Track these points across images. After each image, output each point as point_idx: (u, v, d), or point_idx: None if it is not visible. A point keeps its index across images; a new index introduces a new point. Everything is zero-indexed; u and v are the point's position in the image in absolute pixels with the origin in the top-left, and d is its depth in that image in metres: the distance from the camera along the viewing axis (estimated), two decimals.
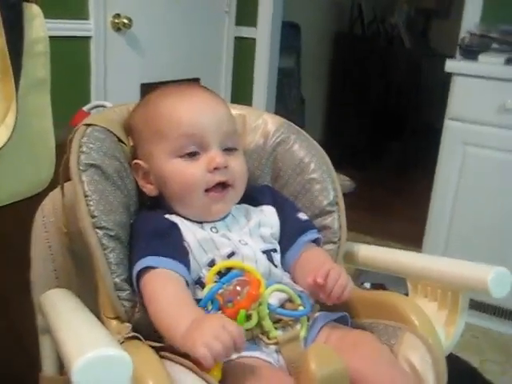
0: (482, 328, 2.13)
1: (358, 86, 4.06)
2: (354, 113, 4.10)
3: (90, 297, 0.87)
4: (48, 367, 0.89)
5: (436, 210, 2.13)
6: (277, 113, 1.12)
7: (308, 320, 0.86)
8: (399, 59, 4.17)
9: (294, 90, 3.60)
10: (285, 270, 0.93)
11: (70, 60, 2.07)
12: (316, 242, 0.97)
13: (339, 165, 3.71)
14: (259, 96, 2.88)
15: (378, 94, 4.19)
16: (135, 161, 0.94)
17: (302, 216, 0.98)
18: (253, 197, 0.98)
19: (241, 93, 2.87)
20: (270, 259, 0.90)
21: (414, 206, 2.47)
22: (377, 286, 2.12)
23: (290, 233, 0.96)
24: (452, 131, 2.04)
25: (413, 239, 2.29)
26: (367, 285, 2.17)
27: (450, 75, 2.02)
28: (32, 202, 1.04)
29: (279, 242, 0.95)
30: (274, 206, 0.98)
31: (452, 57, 2.15)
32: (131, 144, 0.96)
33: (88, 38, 2.13)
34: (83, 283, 0.94)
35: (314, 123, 3.96)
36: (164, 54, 2.41)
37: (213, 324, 0.70)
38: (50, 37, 1.61)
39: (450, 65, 2.01)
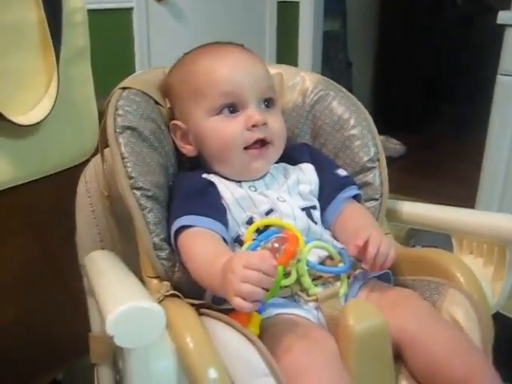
0: None
1: (406, 47, 3.93)
2: (404, 75, 3.97)
3: (133, 258, 0.89)
4: (96, 327, 0.91)
5: (489, 171, 2.06)
6: None
7: (349, 277, 0.85)
8: (450, 17, 4.00)
9: (341, 53, 3.52)
10: (325, 227, 0.92)
11: (114, 32, 2.09)
12: (356, 198, 0.96)
13: (390, 129, 3.63)
14: (304, 60, 2.84)
15: (428, 54, 4.04)
16: (173, 121, 0.94)
17: (341, 172, 0.97)
18: (291, 155, 0.97)
19: (286, 58, 2.83)
20: (310, 216, 0.89)
21: (469, 168, 2.39)
22: None
23: (328, 189, 0.94)
24: (505, 87, 1.95)
25: (466, 201, 2.22)
26: (418, 247, 2.13)
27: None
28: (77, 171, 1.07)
29: (318, 199, 0.94)
30: (312, 163, 0.97)
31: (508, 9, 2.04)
32: (168, 106, 0.96)
33: (130, 9, 2.14)
34: (126, 245, 0.96)
35: (362, 87, 3.87)
36: (207, 22, 2.40)
37: (235, 268, 0.68)
38: (93, 10, 1.63)
39: (503, 16, 1.91)
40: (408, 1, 4.00)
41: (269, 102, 0.92)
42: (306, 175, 0.95)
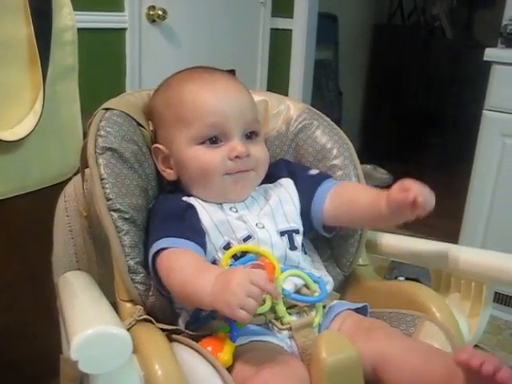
0: None
1: (397, 78, 3.97)
2: (393, 106, 4.01)
3: (108, 280, 0.88)
4: (66, 349, 0.90)
5: (473, 204, 2.07)
6: (313, 105, 1.09)
7: (324, 307, 0.85)
8: (440, 51, 4.05)
9: (332, 82, 3.56)
10: (318, 225, 0.94)
11: (106, 51, 2.09)
12: None
13: (378, 158, 3.63)
14: (295, 88, 2.85)
15: (418, 86, 4.09)
16: (155, 145, 0.94)
17: (313, 171, 0.97)
18: (269, 173, 0.96)
19: (277, 84, 2.85)
20: (291, 240, 0.89)
21: (455, 201, 2.40)
22: (411, 280, 2.07)
23: (306, 190, 0.94)
24: (490, 122, 1.97)
25: (451, 233, 2.23)
26: (401, 279, 2.12)
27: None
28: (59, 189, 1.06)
29: (301, 202, 0.94)
30: (290, 177, 0.97)
31: (495, 47, 2.07)
32: (151, 128, 0.96)
33: (123, 29, 2.14)
34: (103, 267, 0.95)
35: (352, 116, 3.90)
36: (199, 45, 2.41)
37: (241, 281, 0.69)
38: (86, 29, 1.63)
39: (490, 53, 1.94)
40: (400, 33, 4.06)
41: (252, 134, 0.93)
42: (288, 192, 0.94)
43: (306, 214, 0.94)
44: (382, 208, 0.83)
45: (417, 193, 0.77)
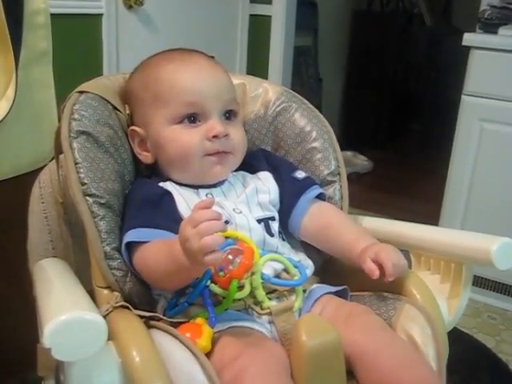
0: (500, 309, 2.08)
1: (376, 64, 3.97)
2: (373, 92, 4.02)
3: (86, 268, 0.86)
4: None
5: (453, 188, 2.08)
6: (293, 91, 1.08)
7: (305, 291, 0.84)
8: (419, 37, 4.06)
9: (311, 68, 3.54)
10: (293, 233, 0.93)
11: (82, 38, 2.06)
12: (320, 197, 0.95)
13: (357, 144, 3.63)
14: (275, 74, 2.84)
15: (397, 73, 4.10)
16: (132, 127, 0.92)
17: (299, 174, 0.96)
18: (249, 163, 0.96)
19: (256, 71, 2.82)
20: (267, 227, 0.88)
21: (434, 186, 2.42)
22: None
23: (290, 195, 0.93)
24: (468, 107, 1.98)
25: (431, 217, 2.24)
26: None
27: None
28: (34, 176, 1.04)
29: (281, 206, 0.93)
30: (270, 171, 0.96)
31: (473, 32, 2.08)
32: (128, 112, 0.94)
33: (99, 15, 2.10)
34: (80, 254, 0.93)
35: (332, 103, 3.89)
36: (177, 31, 2.38)
37: (186, 235, 0.68)
38: (62, 14, 1.59)
39: (468, 38, 1.94)
40: (379, 19, 4.06)
41: (230, 114, 0.92)
42: (265, 184, 0.94)
43: (284, 217, 0.94)
44: (354, 260, 0.85)
45: (389, 272, 0.79)
